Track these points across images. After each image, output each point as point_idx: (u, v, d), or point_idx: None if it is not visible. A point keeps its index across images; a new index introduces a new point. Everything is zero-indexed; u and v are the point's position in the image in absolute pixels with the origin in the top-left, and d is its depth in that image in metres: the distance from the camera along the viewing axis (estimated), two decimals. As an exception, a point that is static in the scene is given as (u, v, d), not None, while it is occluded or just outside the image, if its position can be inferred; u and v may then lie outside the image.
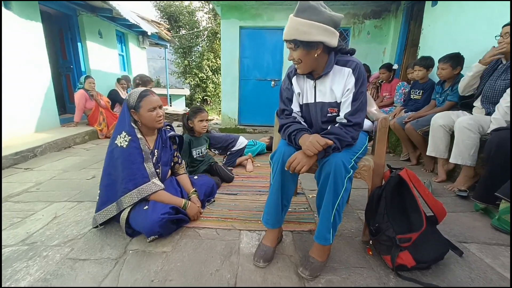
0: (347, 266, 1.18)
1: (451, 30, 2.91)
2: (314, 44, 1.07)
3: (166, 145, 1.62)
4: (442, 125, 2.12)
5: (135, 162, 1.38)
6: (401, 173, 1.21)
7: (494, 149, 1.52)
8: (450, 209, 1.72)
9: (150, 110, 1.43)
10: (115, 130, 1.44)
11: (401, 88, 3.29)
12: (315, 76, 1.21)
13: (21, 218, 1.58)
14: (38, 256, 1.22)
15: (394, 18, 4.41)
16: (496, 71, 1.93)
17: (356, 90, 1.14)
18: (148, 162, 1.43)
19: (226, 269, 1.15)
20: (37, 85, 3.73)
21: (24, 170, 2.51)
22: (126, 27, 6.00)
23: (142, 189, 1.38)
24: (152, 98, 1.45)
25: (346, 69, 1.15)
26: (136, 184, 1.37)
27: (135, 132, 1.42)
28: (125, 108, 1.45)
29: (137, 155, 1.40)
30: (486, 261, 1.21)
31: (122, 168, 1.37)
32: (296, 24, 1.06)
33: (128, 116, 1.43)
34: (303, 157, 1.11)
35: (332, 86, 1.19)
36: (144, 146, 1.43)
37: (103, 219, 1.40)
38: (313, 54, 1.10)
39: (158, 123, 1.49)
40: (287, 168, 1.12)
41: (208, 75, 10.65)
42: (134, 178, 1.37)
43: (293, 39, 1.07)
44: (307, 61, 1.13)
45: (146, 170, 1.41)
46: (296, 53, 1.12)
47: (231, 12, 4.76)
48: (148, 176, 1.41)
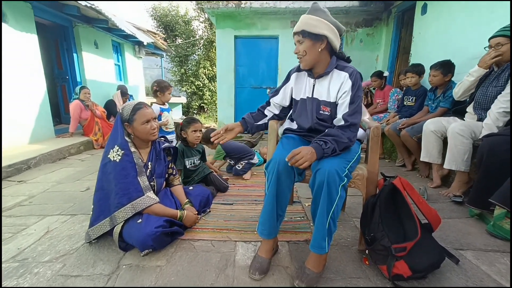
0: (344, 276, 1.17)
1: (441, 37, 2.98)
2: (320, 37, 1.20)
3: (160, 157, 1.60)
4: (433, 130, 2.15)
5: (128, 176, 1.37)
6: (395, 181, 1.21)
7: (486, 155, 1.54)
8: (446, 215, 1.72)
9: (143, 123, 1.43)
10: (107, 144, 1.43)
11: (395, 94, 3.34)
12: (315, 75, 1.31)
13: (12, 233, 1.55)
14: (29, 273, 1.19)
15: (385, 26, 4.51)
16: (488, 78, 1.97)
17: (353, 93, 1.22)
18: (141, 176, 1.41)
19: (222, 283, 1.13)
20: (32, 96, 3.72)
21: (17, 183, 2.48)
22: (122, 37, 6.05)
23: (136, 203, 1.36)
24: (146, 111, 1.45)
25: (343, 73, 1.25)
26: (130, 199, 1.35)
27: (128, 146, 1.41)
28: (119, 121, 1.45)
29: (130, 169, 1.38)
30: (483, 268, 1.21)
31: (115, 182, 1.35)
32: (306, 19, 1.20)
33: (121, 130, 1.43)
34: (308, 153, 1.11)
35: (329, 86, 1.28)
36: (138, 160, 1.42)
37: (97, 235, 1.38)
38: (317, 47, 1.22)
39: (152, 136, 1.49)
40: (289, 159, 1.12)
41: (204, 83, 10.71)
42: (127, 192, 1.35)
43: (302, 30, 1.20)
44: (311, 54, 1.23)
45: (140, 184, 1.39)
46: (302, 45, 1.23)
47: (226, 22, 4.83)
48: (142, 190, 1.39)
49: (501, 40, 1.80)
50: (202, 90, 10.85)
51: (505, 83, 1.80)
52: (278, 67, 4.91)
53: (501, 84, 1.84)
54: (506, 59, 1.81)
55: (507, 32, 1.78)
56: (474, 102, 2.03)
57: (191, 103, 10.93)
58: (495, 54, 1.84)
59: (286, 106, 1.49)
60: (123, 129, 1.43)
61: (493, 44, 1.86)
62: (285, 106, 1.49)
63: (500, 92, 1.80)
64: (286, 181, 1.17)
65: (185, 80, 10.67)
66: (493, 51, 1.85)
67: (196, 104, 10.98)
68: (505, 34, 1.78)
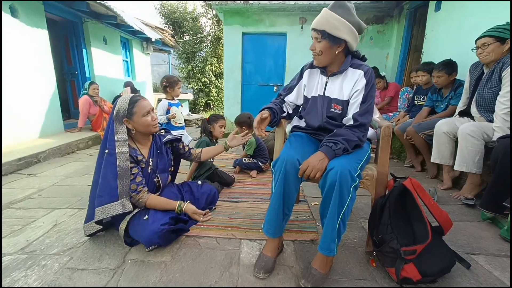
0: (350, 278, 1.15)
1: (455, 35, 2.89)
2: (339, 41, 1.16)
3: (161, 151, 1.56)
4: (446, 132, 2.09)
5: (105, 177, 1.29)
6: (405, 182, 1.18)
7: (501, 157, 1.48)
8: (457, 218, 1.68)
9: (144, 115, 1.39)
10: (101, 145, 1.39)
11: (405, 93, 3.26)
12: (329, 73, 1.28)
13: (21, 226, 1.58)
14: (36, 265, 1.21)
15: (397, 23, 4.40)
16: (481, 80, 1.95)
17: (366, 92, 1.19)
18: (123, 179, 1.30)
19: (226, 281, 1.13)
20: (42, 91, 3.78)
21: (27, 176, 2.53)
22: (130, 34, 6.09)
23: (107, 208, 1.28)
24: (144, 102, 1.41)
25: (358, 71, 1.22)
26: (100, 202, 1.28)
27: (115, 146, 1.32)
28: (111, 121, 1.36)
29: (109, 171, 1.29)
30: (495, 274, 1.17)
31: (99, 182, 1.31)
32: (329, 17, 1.13)
33: (112, 130, 1.35)
34: (315, 163, 1.09)
35: (342, 85, 1.25)
36: (124, 162, 1.32)
37: (89, 232, 1.39)
38: (334, 50, 1.18)
39: (154, 127, 1.44)
40: (300, 176, 1.12)
41: (211, 80, 10.70)
42: (101, 195, 1.29)
43: (322, 29, 1.14)
44: (327, 55, 1.20)
45: (117, 188, 1.29)
46: (319, 44, 1.18)
47: (234, 18, 4.80)
48: (117, 195, 1.29)
49: (487, 40, 1.82)
50: (208, 87, 10.85)
51: (498, 83, 1.79)
52: (286, 64, 4.85)
53: (494, 85, 1.83)
54: (494, 59, 1.82)
55: (493, 33, 1.81)
56: (476, 105, 2.00)
57: (198, 100, 10.95)
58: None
59: (300, 104, 1.44)
60: (114, 129, 1.35)
61: (479, 44, 1.87)
62: (299, 105, 1.45)
63: (497, 93, 1.79)
64: (293, 181, 1.14)
65: (192, 77, 10.69)
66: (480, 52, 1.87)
67: (202, 101, 11.00)
68: (491, 34, 1.81)
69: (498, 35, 1.78)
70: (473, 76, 2.05)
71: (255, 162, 2.61)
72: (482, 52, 1.86)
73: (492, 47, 1.80)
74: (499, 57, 1.81)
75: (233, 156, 3.32)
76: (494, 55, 1.81)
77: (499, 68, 1.79)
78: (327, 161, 1.11)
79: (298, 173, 1.13)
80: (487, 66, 1.91)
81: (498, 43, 1.78)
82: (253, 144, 2.61)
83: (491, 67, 1.87)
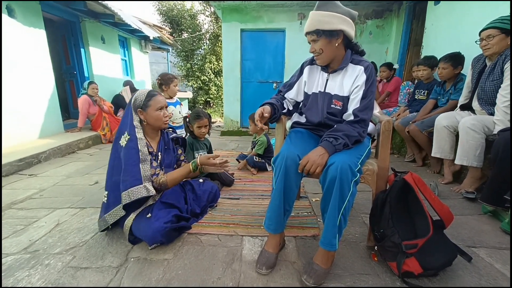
0: (352, 273, 1.15)
1: (455, 29, 2.87)
2: (336, 33, 1.16)
3: (169, 147, 1.62)
4: (446, 125, 2.08)
5: (129, 162, 1.34)
6: (406, 177, 1.18)
7: (501, 150, 1.48)
8: (458, 211, 1.68)
9: (157, 109, 1.45)
10: (117, 132, 1.45)
11: (406, 88, 3.25)
12: (330, 70, 1.29)
13: (24, 226, 1.58)
14: (40, 265, 1.22)
15: (396, 17, 4.37)
16: (484, 73, 1.94)
17: (366, 88, 1.20)
18: (144, 164, 1.37)
19: (228, 277, 1.13)
20: (41, 91, 3.77)
21: (28, 177, 2.53)
22: (128, 32, 6.05)
23: (132, 191, 1.31)
24: (160, 97, 1.49)
25: (358, 67, 1.22)
26: (126, 186, 1.32)
27: (135, 132, 1.40)
28: (130, 108, 1.45)
29: (133, 155, 1.35)
30: (496, 266, 1.18)
31: (123, 168, 1.35)
32: (318, 16, 1.15)
33: (131, 117, 1.43)
34: (316, 158, 1.09)
35: (343, 81, 1.25)
36: (144, 148, 1.39)
37: (114, 219, 1.39)
38: (334, 43, 1.18)
39: (164, 123, 1.51)
40: (300, 171, 1.12)
41: (210, 78, 10.65)
42: (126, 179, 1.33)
43: (316, 29, 1.16)
44: (328, 51, 1.20)
45: (140, 172, 1.35)
46: (317, 44, 1.19)
47: (232, 15, 4.77)
48: (141, 179, 1.34)
49: (492, 32, 1.79)
50: (208, 85, 10.81)
51: (500, 76, 1.77)
52: (285, 61, 4.84)
53: (497, 78, 1.81)
54: (497, 51, 1.80)
55: (498, 24, 1.77)
56: (477, 98, 1.99)
57: (197, 98, 10.92)
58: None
59: (300, 101, 1.44)
60: (133, 116, 1.43)
61: (484, 36, 1.84)
62: (299, 101, 1.45)
63: (499, 86, 1.77)
64: (294, 177, 1.14)
65: (191, 75, 10.65)
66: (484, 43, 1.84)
67: (202, 99, 10.96)
68: (497, 26, 1.77)
69: (504, 27, 1.74)
70: (475, 70, 2.03)
71: (263, 161, 2.60)
72: (486, 44, 1.83)
73: (497, 39, 1.77)
74: (502, 50, 1.78)
75: (233, 154, 3.32)
76: (498, 47, 1.78)
77: (501, 61, 1.77)
78: (327, 156, 1.11)
79: (298, 168, 1.13)
80: (490, 59, 1.89)
81: (503, 35, 1.75)
82: (264, 143, 2.58)
83: (494, 60, 1.85)
